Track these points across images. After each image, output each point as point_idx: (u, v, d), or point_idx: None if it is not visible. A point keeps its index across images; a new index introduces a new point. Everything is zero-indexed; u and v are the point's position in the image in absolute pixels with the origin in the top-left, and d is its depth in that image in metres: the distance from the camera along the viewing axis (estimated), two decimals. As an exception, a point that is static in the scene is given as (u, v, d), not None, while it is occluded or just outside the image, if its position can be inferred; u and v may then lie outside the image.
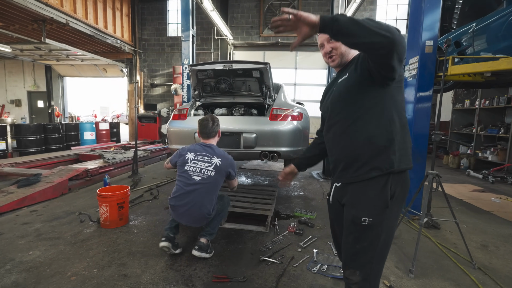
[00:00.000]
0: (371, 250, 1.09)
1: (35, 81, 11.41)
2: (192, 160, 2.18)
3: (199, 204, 2.10)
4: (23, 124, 6.57)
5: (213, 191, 2.17)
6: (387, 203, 1.06)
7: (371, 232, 1.08)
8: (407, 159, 1.11)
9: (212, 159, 2.20)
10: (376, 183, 1.08)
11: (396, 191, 1.08)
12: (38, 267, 1.97)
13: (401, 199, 1.12)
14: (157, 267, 1.99)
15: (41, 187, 3.40)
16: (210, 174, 2.15)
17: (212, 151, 2.25)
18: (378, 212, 1.07)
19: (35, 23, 6.78)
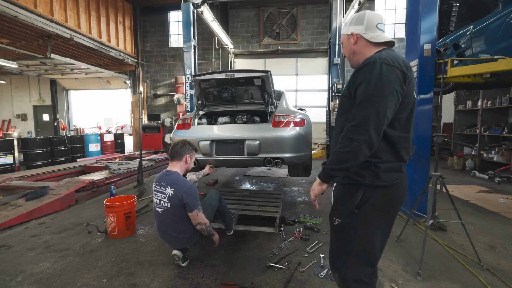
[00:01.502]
0: (344, 253, 1.16)
1: (40, 95, 11.64)
2: (154, 191, 2.09)
3: (173, 232, 2.06)
4: (29, 138, 6.68)
5: (179, 222, 2.02)
6: (353, 208, 1.12)
7: (342, 233, 1.18)
8: (388, 175, 1.12)
9: (166, 189, 1.99)
10: (348, 190, 1.17)
11: (370, 198, 1.11)
12: (48, 278, 1.99)
13: (381, 208, 1.13)
14: (165, 276, 2.01)
15: (49, 200, 3.45)
16: (167, 205, 1.99)
17: (167, 179, 2.02)
18: (346, 214, 1.16)
19: (40, 39, 6.97)
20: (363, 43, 1.24)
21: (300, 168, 3.50)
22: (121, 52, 9.02)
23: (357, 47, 1.25)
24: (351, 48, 1.27)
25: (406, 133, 1.13)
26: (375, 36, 1.21)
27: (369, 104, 1.03)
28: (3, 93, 11.90)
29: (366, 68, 1.07)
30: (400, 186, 1.16)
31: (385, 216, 1.16)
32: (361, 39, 1.24)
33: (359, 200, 1.12)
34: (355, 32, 1.24)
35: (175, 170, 2.13)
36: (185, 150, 2.17)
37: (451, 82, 3.61)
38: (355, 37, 1.24)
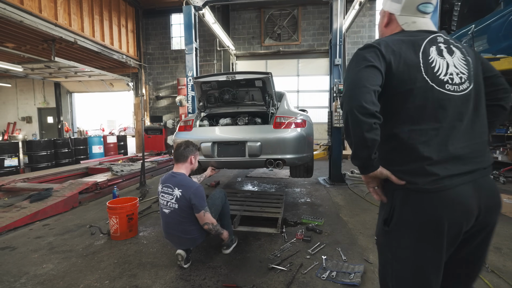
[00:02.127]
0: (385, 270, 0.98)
1: (45, 98, 11.78)
2: (160, 193, 2.10)
3: (179, 233, 2.08)
4: (34, 140, 6.76)
5: (186, 222, 2.04)
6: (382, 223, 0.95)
7: (381, 254, 1.00)
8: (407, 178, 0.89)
9: (174, 190, 2.02)
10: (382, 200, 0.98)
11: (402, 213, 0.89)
12: (51, 280, 2.01)
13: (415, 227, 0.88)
14: (167, 277, 2.01)
15: (53, 201, 3.48)
16: (175, 206, 2.02)
17: (174, 181, 2.05)
18: (379, 231, 0.98)
19: (45, 43, 7.07)
20: (393, 27, 1.00)
21: (301, 169, 3.50)
22: (124, 55, 9.11)
23: (387, 30, 1.01)
24: (381, 30, 1.04)
25: (422, 125, 0.89)
26: (410, 22, 0.95)
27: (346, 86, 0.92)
28: (9, 96, 12.07)
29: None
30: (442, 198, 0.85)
31: (428, 239, 0.86)
32: (394, 22, 0.99)
33: (388, 213, 0.92)
34: (389, 10, 0.99)
35: (181, 172, 2.16)
36: (189, 151, 2.21)
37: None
38: (387, 17, 1.00)
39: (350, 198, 4.06)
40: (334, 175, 4.98)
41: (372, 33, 9.03)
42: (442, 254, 0.87)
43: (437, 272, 0.89)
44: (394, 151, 0.93)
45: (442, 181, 0.85)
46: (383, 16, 1.03)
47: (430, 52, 0.91)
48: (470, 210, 0.86)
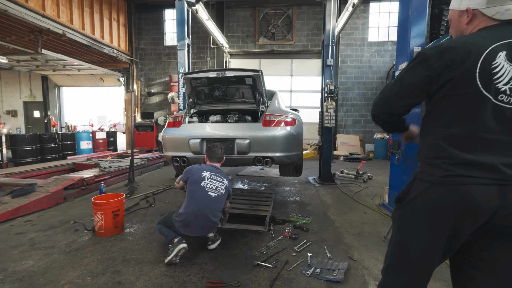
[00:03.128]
0: (389, 246, 1.10)
1: (31, 91, 11.44)
2: (209, 178, 2.39)
3: (212, 216, 2.30)
4: (18, 134, 6.57)
5: (220, 207, 2.42)
6: (399, 199, 1.06)
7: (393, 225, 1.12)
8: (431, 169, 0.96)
9: (224, 180, 2.45)
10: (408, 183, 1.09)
11: (414, 196, 0.99)
12: (31, 276, 1.96)
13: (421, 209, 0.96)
14: (152, 274, 1.99)
15: (36, 197, 3.39)
16: (223, 192, 2.40)
17: (222, 173, 2.51)
18: (396, 206, 1.10)
19: (31, 34, 6.86)
20: (481, 20, 0.95)
21: (291, 167, 3.52)
22: (114, 49, 8.93)
23: (471, 26, 0.97)
24: (462, 28, 1.00)
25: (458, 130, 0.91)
26: (502, 10, 0.90)
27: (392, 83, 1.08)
28: (-7, 89, 11.66)
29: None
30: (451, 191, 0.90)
31: (427, 223, 0.94)
32: (479, 16, 0.95)
33: (404, 194, 1.04)
34: (472, 7, 0.95)
35: (219, 167, 2.58)
36: (224, 153, 2.65)
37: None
38: (470, 13, 0.96)
39: (339, 197, 4.11)
40: (324, 175, 5.03)
41: (365, 35, 9.14)
42: (437, 241, 0.94)
43: (424, 254, 0.96)
44: (429, 147, 1.01)
45: (457, 177, 0.90)
46: (462, 14, 0.99)
47: (497, 56, 0.86)
48: (477, 209, 0.87)
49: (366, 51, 9.14)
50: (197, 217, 2.26)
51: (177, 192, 4.33)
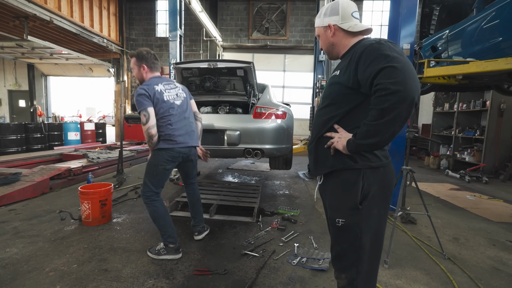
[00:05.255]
0: (352, 252, 1.06)
1: (16, 79, 11.05)
2: (162, 90, 2.10)
3: (192, 120, 2.27)
4: (2, 123, 6.35)
5: (191, 108, 2.33)
6: (356, 204, 1.04)
7: (348, 233, 1.06)
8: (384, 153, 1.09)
9: (176, 85, 2.27)
10: (345, 184, 1.07)
11: (371, 190, 1.04)
12: (14, 263, 1.93)
13: (381, 198, 1.06)
14: (139, 262, 2.00)
15: (21, 186, 3.31)
16: (184, 95, 2.26)
17: (168, 79, 2.26)
18: (349, 213, 1.05)
19: (17, 19, 6.61)
20: (341, 34, 1.18)
21: (281, 160, 3.55)
22: (104, 39, 8.71)
23: (336, 38, 1.19)
24: (329, 40, 1.20)
25: None
26: (352, 25, 1.16)
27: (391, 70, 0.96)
28: (-25, 76, 11.21)
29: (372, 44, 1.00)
30: (391, 167, 1.12)
31: (384, 206, 1.09)
32: (339, 30, 1.18)
33: (360, 193, 1.04)
34: (332, 23, 1.18)
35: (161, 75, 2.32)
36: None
37: (428, 82, 3.77)
38: (332, 28, 1.18)
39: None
40: (314, 169, 5.09)
41: (357, 33, 9.22)
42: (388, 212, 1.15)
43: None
44: None
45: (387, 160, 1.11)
46: (326, 30, 1.20)
47: None
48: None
49: (358, 49, 9.23)
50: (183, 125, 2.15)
51: (167, 184, 4.30)
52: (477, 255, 2.27)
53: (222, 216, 2.89)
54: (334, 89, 1.14)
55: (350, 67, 1.06)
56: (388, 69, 0.91)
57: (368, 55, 0.99)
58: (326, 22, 1.19)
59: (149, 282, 1.77)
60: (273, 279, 1.83)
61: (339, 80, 1.11)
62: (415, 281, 1.85)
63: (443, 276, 1.93)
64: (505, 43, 2.56)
